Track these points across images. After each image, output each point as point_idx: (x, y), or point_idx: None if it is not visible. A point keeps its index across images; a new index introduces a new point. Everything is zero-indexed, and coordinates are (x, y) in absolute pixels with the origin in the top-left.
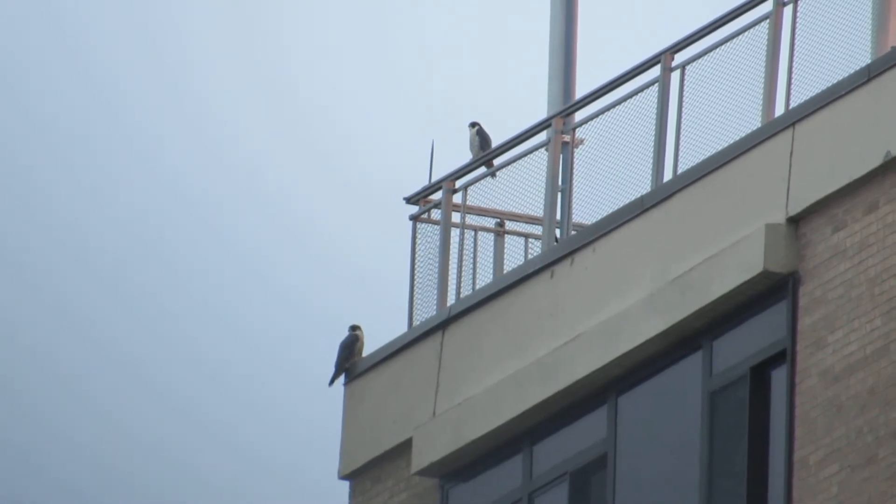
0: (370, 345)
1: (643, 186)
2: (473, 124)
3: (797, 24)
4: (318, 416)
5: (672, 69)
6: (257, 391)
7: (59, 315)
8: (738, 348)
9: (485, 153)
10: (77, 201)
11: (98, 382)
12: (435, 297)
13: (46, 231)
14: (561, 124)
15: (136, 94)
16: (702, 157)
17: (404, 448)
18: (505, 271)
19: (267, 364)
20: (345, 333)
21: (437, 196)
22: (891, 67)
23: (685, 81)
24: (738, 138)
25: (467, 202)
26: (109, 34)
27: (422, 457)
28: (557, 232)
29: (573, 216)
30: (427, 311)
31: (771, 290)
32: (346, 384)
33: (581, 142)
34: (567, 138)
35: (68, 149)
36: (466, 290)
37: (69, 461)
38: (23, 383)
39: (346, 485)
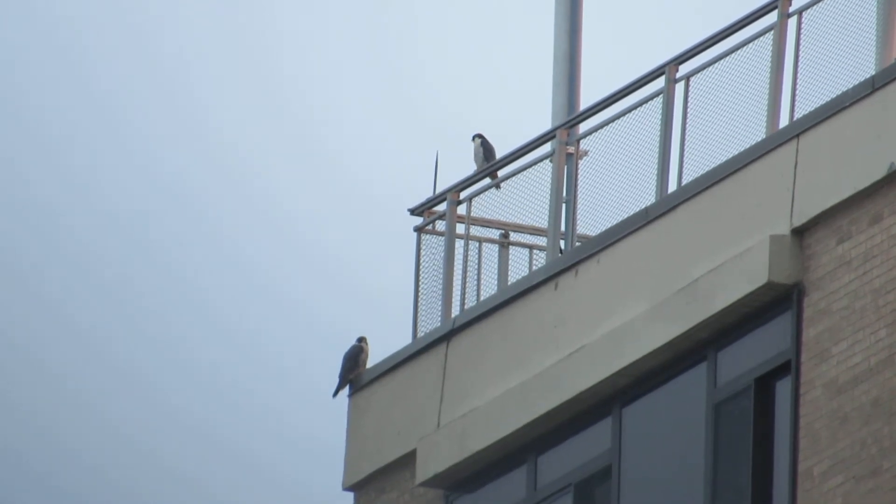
0: (374, 356)
1: (647, 198)
2: (477, 136)
3: (801, 36)
4: (322, 427)
5: (676, 80)
6: (262, 402)
7: (65, 327)
8: (743, 359)
9: (489, 164)
10: (79, 211)
11: (100, 392)
12: (439, 308)
13: (44, 237)
14: (565, 136)
15: (136, 106)
16: (706, 169)
17: (408, 459)
18: (509, 283)
19: (271, 375)
20: (349, 345)
21: (442, 207)
22: (895, 79)
23: (689, 93)
24: (742, 149)
25: (472, 213)
26: (104, 36)
27: (426, 468)
28: (562, 243)
29: (577, 227)
30: (431, 322)
31: (775, 302)
32: (350, 396)
33: (585, 153)
34: (571, 149)
35: (64, 154)
36: (470, 302)
37: (75, 475)
38: (23, 392)
39: (350, 496)
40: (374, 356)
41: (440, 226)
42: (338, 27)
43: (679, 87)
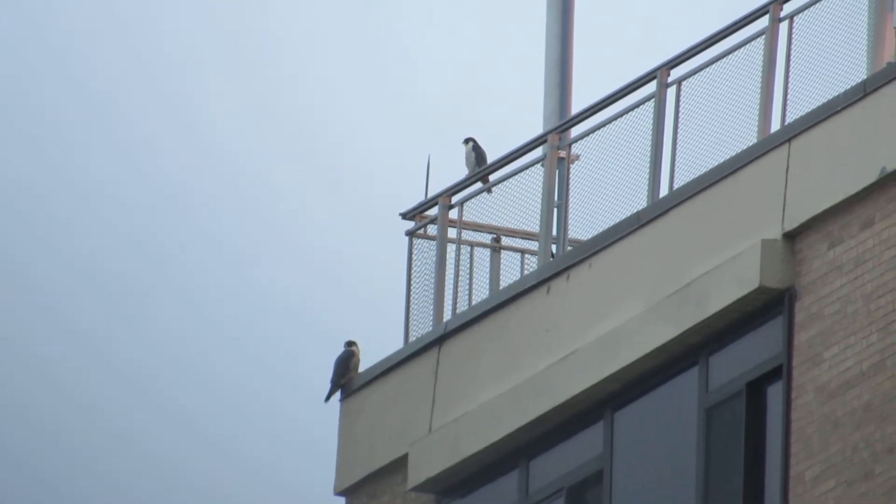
0: (366, 360)
1: (639, 202)
2: (468, 140)
3: (793, 40)
4: (315, 431)
5: (668, 85)
6: (255, 405)
7: (63, 326)
8: (735, 364)
9: (481, 169)
10: (78, 211)
11: (98, 391)
12: (431, 312)
13: (42, 237)
14: (557, 140)
15: (133, 106)
16: (698, 173)
17: (400, 464)
18: (501, 287)
19: (265, 378)
20: (341, 349)
21: (434, 212)
22: (886, 83)
23: (681, 97)
24: (734, 154)
25: (463, 218)
26: (102, 38)
27: (418, 473)
28: (553, 248)
29: (569, 232)
30: (423, 326)
31: (767, 306)
32: (342, 400)
33: (577, 157)
34: (563, 154)
35: (64, 155)
36: (462, 306)
37: (72, 472)
38: (22, 391)
39: (342, 501)
40: (366, 361)
41: (432, 230)
42: (333, 32)
43: (671, 92)
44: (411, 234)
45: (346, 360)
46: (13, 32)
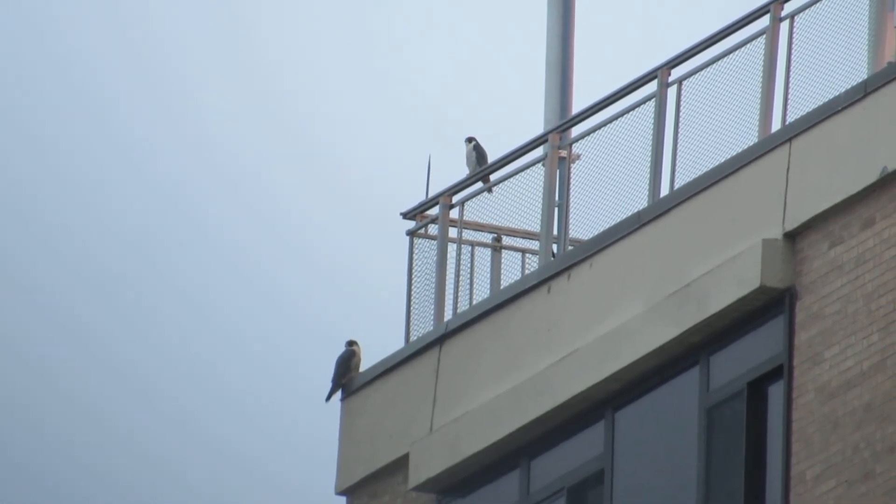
0: (367, 360)
1: (640, 202)
2: (470, 139)
3: (794, 40)
4: (316, 431)
5: (669, 84)
6: (256, 405)
7: (62, 326)
8: (735, 364)
9: (482, 168)
10: (77, 212)
11: (98, 392)
12: (432, 312)
13: (41, 237)
14: (558, 140)
15: (133, 108)
16: (699, 173)
17: (401, 463)
18: (502, 286)
19: (265, 378)
20: (342, 349)
21: (434, 211)
22: (887, 83)
23: (682, 97)
24: (734, 154)
25: (464, 217)
26: (101, 41)
27: (419, 472)
28: (554, 247)
29: (570, 231)
30: (424, 326)
31: (768, 306)
32: (343, 400)
33: (578, 157)
34: (564, 154)
35: (63, 156)
36: (463, 306)
37: (71, 473)
38: (21, 391)
39: (342, 500)
40: (367, 360)
41: (433, 230)
42: (332, 32)
43: (671, 91)
44: (412, 233)
45: (347, 360)
46: (13, 32)
